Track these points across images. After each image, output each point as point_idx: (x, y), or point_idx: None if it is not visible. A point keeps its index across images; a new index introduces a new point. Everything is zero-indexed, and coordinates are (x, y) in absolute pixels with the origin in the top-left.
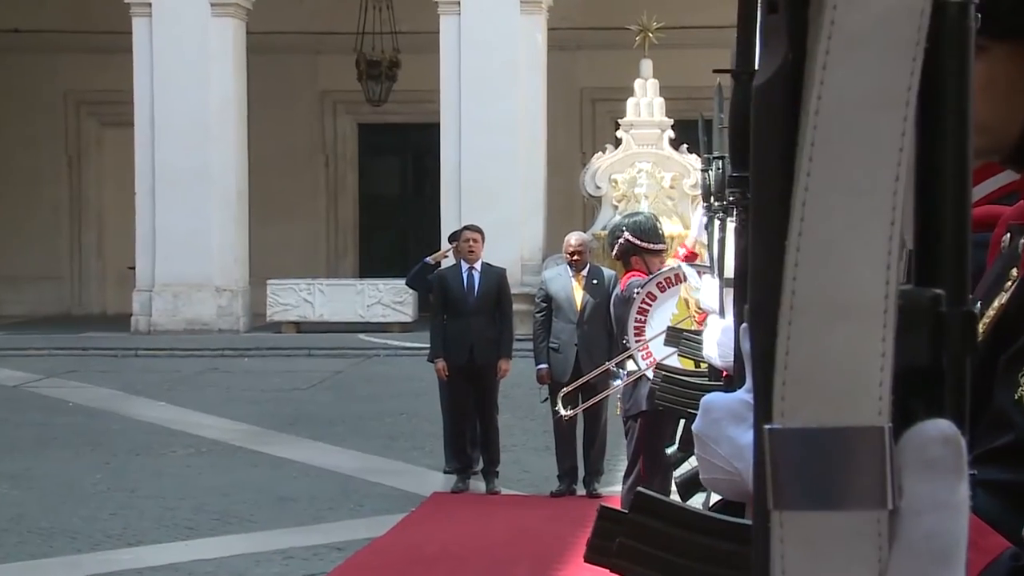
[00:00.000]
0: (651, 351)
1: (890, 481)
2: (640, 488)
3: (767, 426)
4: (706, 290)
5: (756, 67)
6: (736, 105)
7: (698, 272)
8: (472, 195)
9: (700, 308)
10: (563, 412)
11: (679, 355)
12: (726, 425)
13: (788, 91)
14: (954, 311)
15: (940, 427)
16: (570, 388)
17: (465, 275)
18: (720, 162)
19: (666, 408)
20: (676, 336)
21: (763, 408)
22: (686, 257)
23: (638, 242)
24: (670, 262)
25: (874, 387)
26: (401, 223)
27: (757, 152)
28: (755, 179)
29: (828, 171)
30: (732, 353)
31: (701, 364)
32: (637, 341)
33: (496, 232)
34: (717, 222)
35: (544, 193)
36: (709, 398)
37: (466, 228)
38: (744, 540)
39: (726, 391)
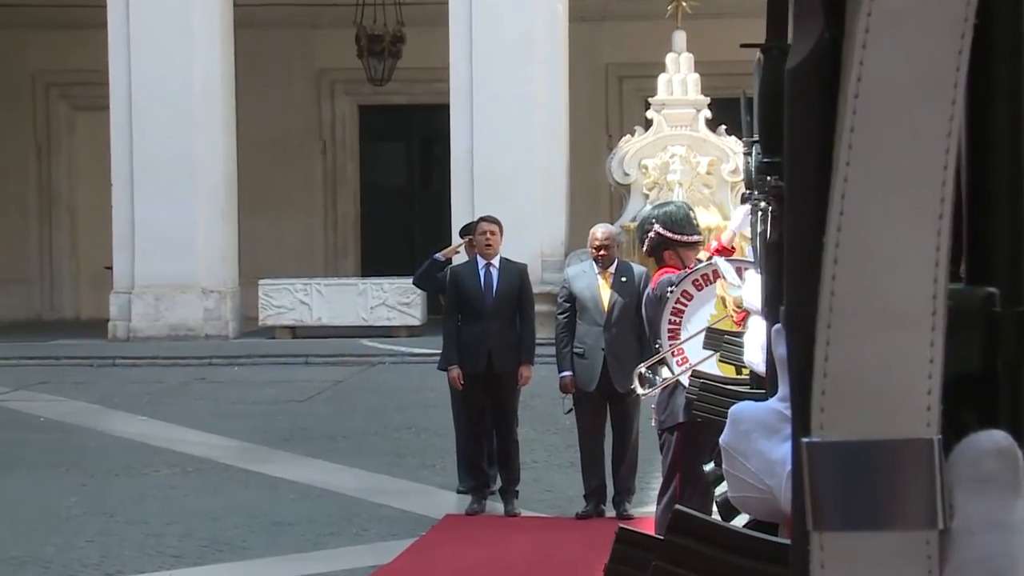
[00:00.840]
0: (687, 355)
1: (940, 499)
2: (677, 506)
3: (805, 439)
4: (749, 288)
5: (789, 42)
6: (767, 83)
7: (738, 268)
8: (486, 184)
9: (738, 307)
10: (639, 390)
11: (719, 360)
12: (756, 438)
13: (824, 74)
14: (1009, 312)
15: (994, 439)
16: (647, 364)
17: (482, 272)
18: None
19: (704, 419)
20: (717, 339)
21: (801, 420)
22: (717, 251)
23: (670, 234)
24: (701, 257)
25: (921, 396)
26: (407, 216)
27: (791, 140)
28: (789, 169)
29: (870, 161)
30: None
31: (743, 370)
32: (671, 344)
33: (513, 225)
34: (760, 213)
35: (566, 181)
36: (738, 408)
37: (482, 219)
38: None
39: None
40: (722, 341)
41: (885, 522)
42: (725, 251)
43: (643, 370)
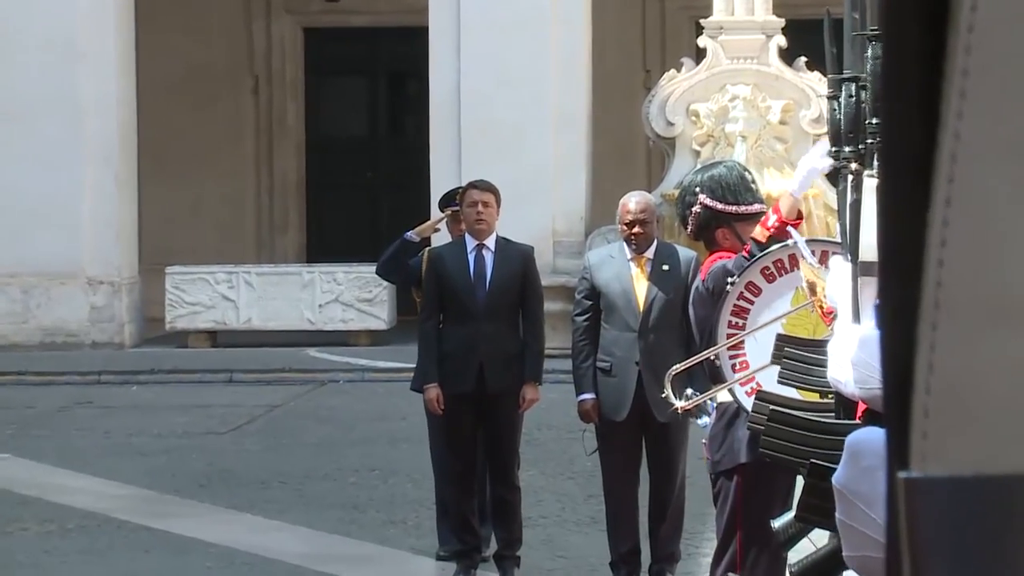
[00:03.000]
0: (755, 373)
1: None
2: None
3: (902, 474)
4: (835, 279)
5: None
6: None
7: (822, 253)
8: (478, 137)
9: (823, 304)
10: (675, 403)
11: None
12: (884, 478)
13: None
14: None
15: None
16: (681, 368)
17: (472, 257)
18: (854, 85)
19: (774, 459)
20: (784, 349)
21: (897, 448)
22: (777, 229)
23: (721, 206)
24: (757, 235)
25: None
26: (370, 180)
27: (886, 84)
28: (883, 121)
29: (988, 115)
30: (876, 377)
31: (828, 394)
32: (732, 358)
33: (515, 194)
34: (850, 177)
35: (587, 134)
36: (857, 438)
37: (472, 186)
38: None
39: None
40: (782, 353)
41: None
42: (786, 227)
43: (676, 371)
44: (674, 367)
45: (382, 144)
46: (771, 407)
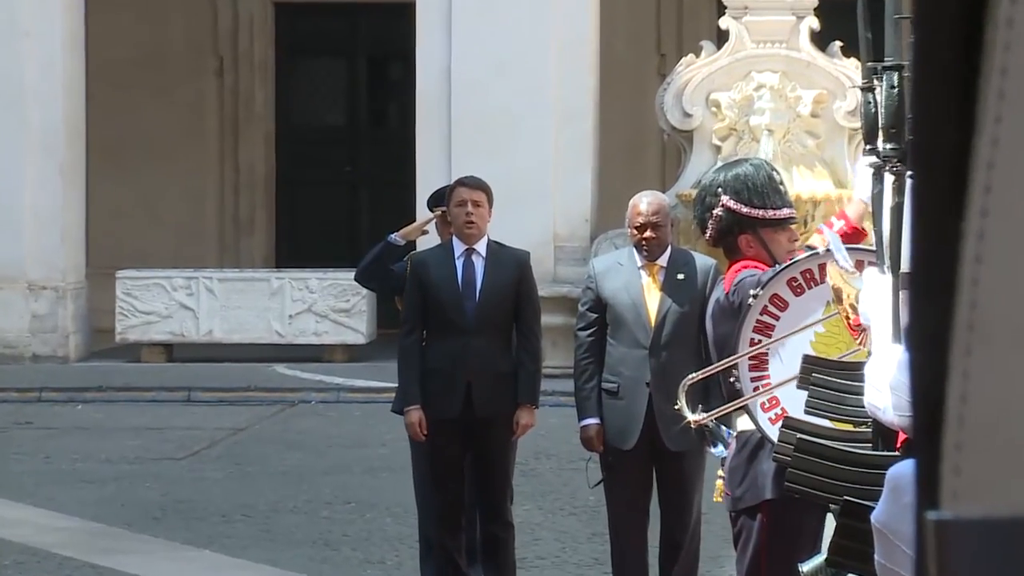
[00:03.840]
0: (779, 397)
1: None
2: None
3: (932, 515)
4: (869, 292)
5: None
6: None
7: (857, 263)
8: (470, 129)
9: (853, 316)
10: (689, 415)
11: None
12: None
13: None
14: None
15: None
16: (699, 377)
17: (459, 263)
18: (896, 74)
19: (803, 495)
20: (813, 375)
21: (926, 485)
22: (847, 236)
23: (745, 209)
24: (815, 243)
25: None
26: (348, 175)
27: (916, 81)
28: (914, 122)
29: None
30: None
31: (864, 424)
32: (754, 380)
33: (511, 192)
34: (889, 177)
35: (594, 126)
36: (900, 471)
37: (460, 183)
38: None
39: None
40: (813, 381)
41: None
42: (856, 235)
43: (693, 380)
44: (691, 375)
45: (362, 135)
46: (799, 436)
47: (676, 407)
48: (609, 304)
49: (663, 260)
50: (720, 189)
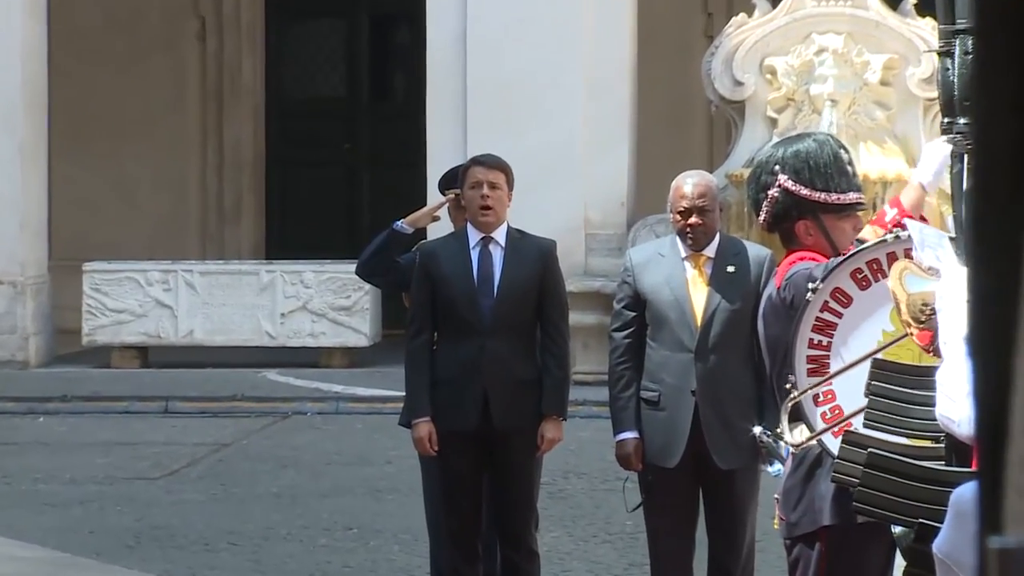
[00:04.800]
0: (840, 401)
1: None
2: None
3: (995, 541)
4: (946, 285)
5: None
6: None
7: (887, 254)
8: (488, 99)
9: (917, 319)
10: (790, 440)
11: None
12: None
13: None
14: None
15: None
16: (805, 392)
17: (475, 254)
18: (971, 39)
19: (875, 517)
20: (872, 383)
21: (989, 508)
22: (898, 225)
23: (807, 191)
24: (867, 232)
25: None
26: (347, 155)
27: (978, 77)
28: (975, 115)
29: None
30: None
31: (938, 439)
32: (815, 388)
33: (535, 174)
34: (968, 157)
35: (631, 97)
36: (964, 495)
37: (475, 162)
38: None
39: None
40: (873, 390)
41: None
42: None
43: (794, 399)
44: (791, 396)
45: (364, 108)
46: (870, 450)
47: (777, 431)
48: (649, 301)
49: (710, 250)
50: (778, 167)
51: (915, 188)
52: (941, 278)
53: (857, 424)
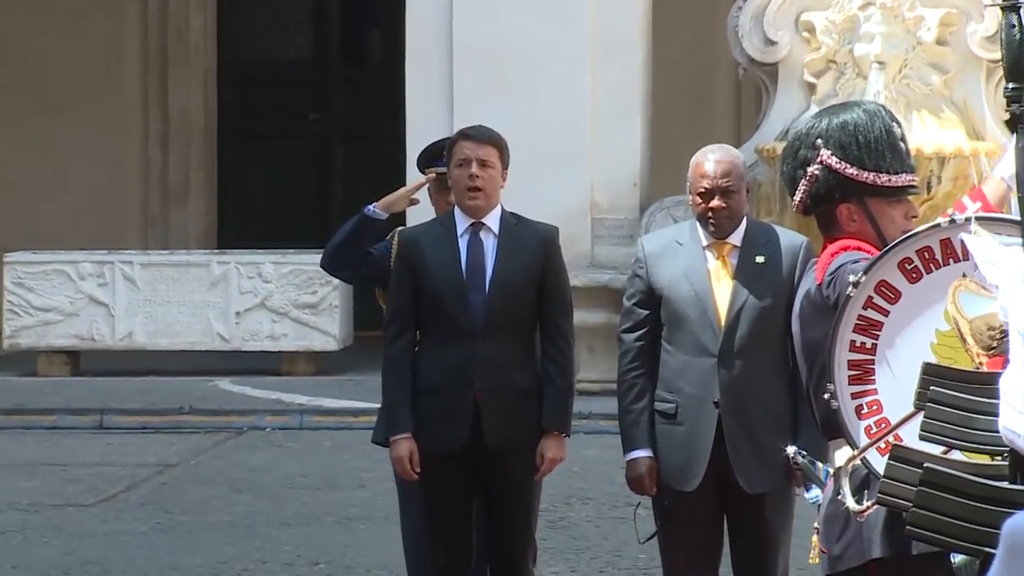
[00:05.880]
0: (887, 414)
1: None
2: None
3: None
4: (1008, 277)
5: None
6: None
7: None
8: (478, 64)
9: (987, 347)
10: (852, 504)
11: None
12: None
13: None
14: None
15: None
16: (874, 443)
17: (464, 243)
18: None
19: (928, 542)
20: (931, 389)
21: None
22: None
23: (853, 170)
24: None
25: None
26: (314, 127)
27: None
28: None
29: None
30: None
31: (1001, 454)
32: (856, 396)
33: (535, 151)
34: None
35: (645, 63)
36: (1017, 526)
37: (463, 136)
38: None
39: None
40: (930, 398)
41: None
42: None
43: (856, 457)
44: (854, 451)
45: (333, 73)
46: (927, 465)
47: (800, 454)
48: (664, 297)
49: (736, 237)
50: (820, 140)
51: (997, 182)
52: (1000, 291)
53: (907, 438)
